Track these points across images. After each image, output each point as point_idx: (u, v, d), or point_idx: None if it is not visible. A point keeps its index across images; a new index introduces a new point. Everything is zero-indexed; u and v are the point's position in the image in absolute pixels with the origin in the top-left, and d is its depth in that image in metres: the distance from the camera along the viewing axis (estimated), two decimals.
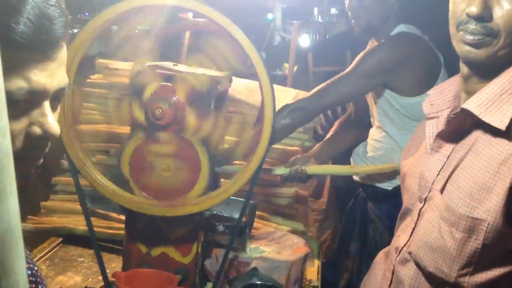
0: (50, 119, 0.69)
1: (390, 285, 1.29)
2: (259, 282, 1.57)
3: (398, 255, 1.27)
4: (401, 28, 2.00)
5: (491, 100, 1.10)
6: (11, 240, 0.35)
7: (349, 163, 2.20)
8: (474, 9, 1.07)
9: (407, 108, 1.95)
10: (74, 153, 1.40)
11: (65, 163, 2.11)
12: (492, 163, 1.08)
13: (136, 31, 1.59)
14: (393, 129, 2.01)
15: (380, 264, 1.41)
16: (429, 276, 1.18)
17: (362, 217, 2.17)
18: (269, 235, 1.87)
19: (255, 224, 1.91)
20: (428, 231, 1.18)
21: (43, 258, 1.80)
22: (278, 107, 2.32)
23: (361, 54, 1.96)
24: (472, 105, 1.12)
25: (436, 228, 1.16)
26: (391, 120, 2.01)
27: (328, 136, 2.29)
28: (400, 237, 1.29)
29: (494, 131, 1.09)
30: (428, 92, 1.33)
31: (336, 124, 2.34)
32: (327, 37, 5.22)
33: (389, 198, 2.01)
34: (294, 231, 2.03)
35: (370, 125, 2.20)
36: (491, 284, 1.11)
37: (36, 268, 0.67)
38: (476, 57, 1.10)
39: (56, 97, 0.72)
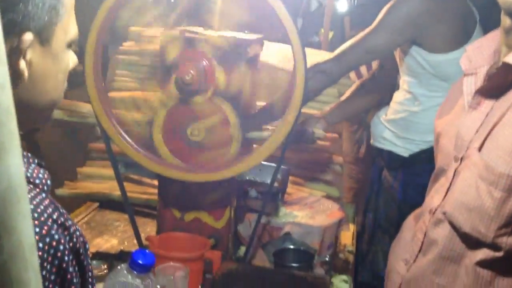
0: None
1: (421, 246, 1.26)
2: (292, 247, 1.57)
3: (431, 216, 1.24)
4: None
5: None
6: (13, 199, 0.34)
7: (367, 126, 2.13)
8: None
9: (435, 67, 1.82)
10: (105, 120, 1.40)
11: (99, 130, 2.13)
12: None
13: None
14: (420, 90, 1.88)
15: (410, 227, 1.38)
16: (464, 236, 1.15)
17: (378, 187, 2.11)
18: (303, 200, 1.86)
19: (288, 189, 1.90)
20: (464, 191, 1.14)
21: (80, 222, 1.84)
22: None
23: (388, 5, 1.82)
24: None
25: (474, 187, 1.12)
26: (419, 81, 1.87)
27: (345, 95, 2.14)
28: (434, 198, 1.25)
29: None
30: (466, 47, 1.27)
31: (356, 84, 2.19)
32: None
33: (405, 166, 1.91)
34: (328, 197, 2.01)
35: (395, 88, 2.11)
36: None
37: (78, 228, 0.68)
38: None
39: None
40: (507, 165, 1.06)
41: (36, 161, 0.68)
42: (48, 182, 0.68)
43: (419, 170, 1.85)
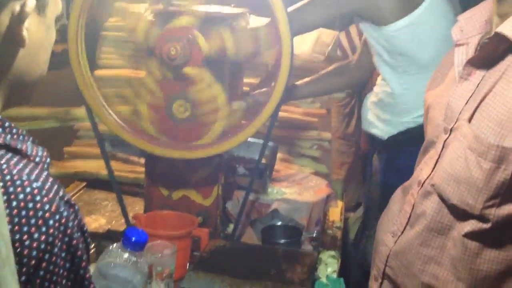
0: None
1: (409, 218, 1.26)
2: (280, 223, 1.57)
3: (420, 188, 1.24)
4: None
5: None
6: None
7: None
8: None
9: (387, 40, 1.73)
10: (91, 98, 1.39)
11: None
12: None
13: None
14: (386, 68, 1.80)
15: (398, 199, 1.38)
16: (453, 208, 1.15)
17: (370, 170, 2.10)
18: (291, 176, 1.86)
19: (277, 166, 1.90)
20: (453, 162, 1.13)
21: None
22: (299, 45, 2.25)
23: None
24: (508, 28, 1.04)
25: (463, 158, 1.11)
26: (382, 59, 1.80)
27: (317, 74, 2.07)
28: (423, 170, 1.25)
29: None
30: (458, 17, 1.25)
31: (333, 66, 2.11)
32: None
33: (385, 149, 1.87)
34: (316, 173, 2.01)
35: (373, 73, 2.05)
36: None
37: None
38: None
39: None
40: (496, 136, 1.04)
41: (31, 138, 0.67)
42: (48, 159, 0.67)
43: (397, 152, 1.82)
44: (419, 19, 1.66)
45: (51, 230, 0.60)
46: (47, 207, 0.61)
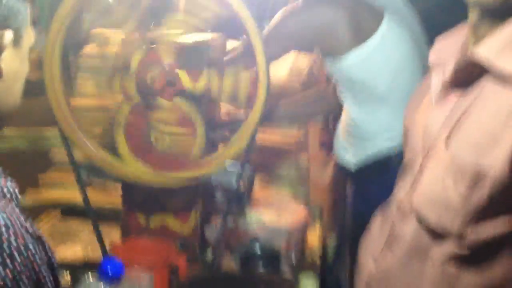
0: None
1: (388, 241, 1.26)
2: (258, 249, 1.56)
3: (398, 210, 1.24)
4: None
5: (503, 44, 1.03)
6: None
7: None
8: None
9: (343, 71, 1.73)
10: (67, 125, 1.38)
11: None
12: (501, 112, 1.01)
13: None
14: (345, 96, 1.81)
15: (378, 222, 1.39)
16: (430, 231, 1.13)
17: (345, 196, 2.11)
18: (269, 201, 1.86)
19: (254, 191, 1.90)
20: (430, 183, 1.12)
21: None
22: (275, 70, 2.27)
23: (276, 16, 1.75)
24: (483, 50, 1.05)
25: (440, 179, 1.09)
26: (342, 88, 1.82)
27: (296, 97, 2.11)
28: (401, 191, 1.25)
29: (504, 78, 1.02)
30: (436, 40, 1.26)
31: (311, 90, 2.15)
32: None
33: (354, 179, 1.87)
34: (295, 197, 2.01)
35: None
36: (494, 241, 1.07)
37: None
38: (492, 1, 1.03)
39: None
40: (473, 157, 1.04)
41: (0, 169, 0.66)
42: (16, 191, 0.66)
43: (365, 181, 1.83)
44: (373, 49, 1.65)
45: (18, 266, 0.58)
46: (13, 241, 0.59)
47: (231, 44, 1.72)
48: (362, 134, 1.78)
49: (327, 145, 2.90)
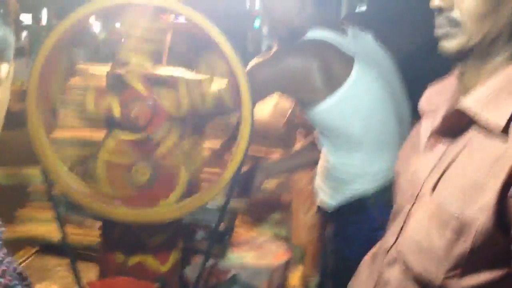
0: None
1: (375, 286, 1.25)
2: None
3: (386, 255, 1.23)
4: (307, 35, 1.77)
5: (488, 97, 1.06)
6: None
7: None
8: (433, 1, 1.05)
9: (318, 118, 1.76)
10: (46, 160, 1.36)
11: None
12: (485, 162, 1.03)
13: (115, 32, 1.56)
14: (322, 141, 1.84)
15: (366, 266, 1.37)
16: (416, 278, 1.13)
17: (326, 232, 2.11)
18: (250, 241, 1.84)
19: (236, 230, 1.88)
20: (416, 231, 1.13)
21: None
22: (260, 111, 2.29)
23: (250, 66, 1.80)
24: (468, 102, 1.08)
25: (425, 227, 1.11)
26: (319, 133, 1.85)
27: (292, 151, 2.15)
28: (389, 237, 1.25)
29: (489, 129, 1.05)
30: (428, 89, 1.28)
31: (303, 142, 2.19)
32: None
33: (333, 218, 1.88)
34: (276, 237, 2.00)
35: None
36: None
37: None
38: (449, 50, 1.07)
39: None
40: (457, 206, 1.05)
41: None
42: (1, 230, 0.64)
43: (344, 222, 1.84)
44: (345, 96, 1.69)
45: None
46: (1, 280, 0.57)
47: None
48: (340, 178, 1.79)
49: None
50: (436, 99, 1.23)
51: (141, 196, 1.39)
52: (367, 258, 1.40)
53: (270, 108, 2.36)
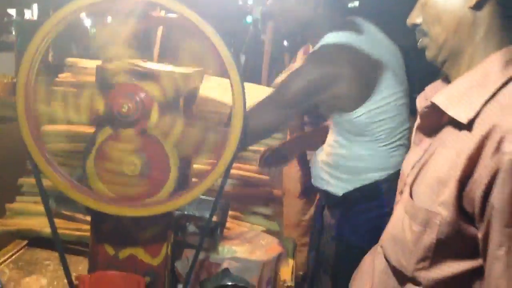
0: None
1: (372, 280, 1.28)
2: (230, 283, 1.53)
3: (378, 248, 1.29)
4: (326, 39, 1.78)
5: (460, 92, 1.09)
6: None
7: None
8: (408, 21, 1.17)
9: (351, 123, 1.79)
10: (36, 153, 1.35)
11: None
12: (451, 157, 1.07)
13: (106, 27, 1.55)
14: (344, 135, 1.85)
15: (368, 260, 1.41)
16: (393, 269, 1.18)
17: (320, 225, 2.12)
18: (242, 235, 1.84)
19: (227, 224, 1.87)
20: (394, 224, 1.19)
21: (7, 261, 1.74)
22: (252, 102, 2.28)
23: (281, 79, 1.81)
24: (440, 97, 1.12)
25: (400, 221, 1.16)
26: (342, 130, 1.86)
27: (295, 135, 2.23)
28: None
29: (460, 125, 1.08)
30: (426, 87, 1.32)
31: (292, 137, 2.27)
32: None
33: (340, 205, 1.90)
34: (268, 231, 2.00)
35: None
36: (448, 281, 1.09)
37: None
38: (429, 59, 1.16)
39: None
40: (426, 200, 1.09)
41: None
42: None
43: (353, 209, 1.86)
44: (380, 97, 1.74)
45: None
46: None
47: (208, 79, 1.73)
48: (355, 168, 1.82)
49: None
50: (430, 97, 1.25)
51: (131, 190, 1.38)
52: (371, 250, 1.43)
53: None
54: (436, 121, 1.15)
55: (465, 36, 1.09)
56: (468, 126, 1.05)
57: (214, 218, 1.45)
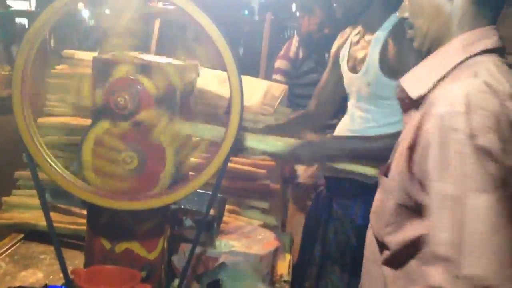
0: None
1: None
2: (226, 278, 1.53)
3: None
4: (394, 19, 1.87)
5: (421, 74, 1.19)
6: None
7: None
8: (398, 13, 1.28)
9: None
10: (33, 146, 1.33)
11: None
12: (408, 132, 1.17)
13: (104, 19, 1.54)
14: (375, 109, 1.94)
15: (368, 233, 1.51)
16: (376, 238, 1.29)
17: (326, 217, 2.10)
18: (239, 229, 1.83)
19: (225, 218, 1.87)
20: (376, 198, 1.31)
21: (3, 255, 1.73)
22: (249, 98, 2.27)
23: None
24: (404, 79, 1.22)
25: (378, 193, 1.30)
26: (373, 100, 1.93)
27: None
28: None
29: (418, 102, 1.18)
30: None
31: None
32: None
33: (367, 192, 1.87)
34: (265, 225, 1.99)
35: (332, 116, 2.21)
36: (413, 245, 1.16)
37: None
38: (418, 49, 1.25)
39: None
40: (392, 172, 1.21)
41: None
42: None
43: (362, 190, 1.87)
44: None
45: None
46: None
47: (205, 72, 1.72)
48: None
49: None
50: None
51: (128, 183, 1.37)
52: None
53: (260, 95, 2.34)
54: (409, 102, 1.22)
55: (444, 25, 1.18)
56: (420, 102, 1.16)
57: (211, 212, 1.44)
